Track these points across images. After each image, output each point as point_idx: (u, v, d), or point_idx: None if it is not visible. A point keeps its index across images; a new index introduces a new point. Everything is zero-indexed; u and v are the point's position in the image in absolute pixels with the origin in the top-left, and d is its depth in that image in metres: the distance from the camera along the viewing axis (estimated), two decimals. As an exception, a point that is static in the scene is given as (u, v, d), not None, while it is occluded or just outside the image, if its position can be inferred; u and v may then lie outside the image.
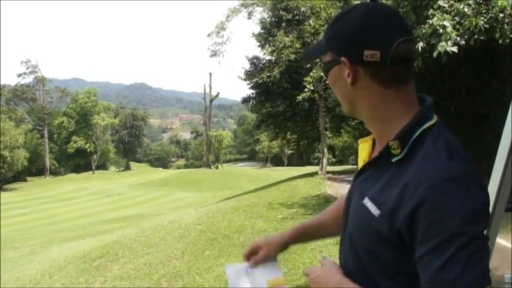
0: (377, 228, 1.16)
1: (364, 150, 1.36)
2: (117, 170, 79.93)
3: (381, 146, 1.24)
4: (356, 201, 1.28)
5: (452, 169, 1.09)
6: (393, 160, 1.18)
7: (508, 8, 6.99)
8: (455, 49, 6.97)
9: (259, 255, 1.57)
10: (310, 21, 21.22)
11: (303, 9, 21.60)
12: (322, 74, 16.94)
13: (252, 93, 24.82)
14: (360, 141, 1.38)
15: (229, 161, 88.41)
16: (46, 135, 67.30)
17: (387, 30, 1.18)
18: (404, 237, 1.11)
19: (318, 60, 1.48)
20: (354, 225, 1.27)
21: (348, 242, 1.34)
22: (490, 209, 1.95)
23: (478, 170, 1.13)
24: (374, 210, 1.17)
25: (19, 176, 60.51)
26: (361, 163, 1.34)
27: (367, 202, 1.20)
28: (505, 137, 1.88)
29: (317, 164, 36.94)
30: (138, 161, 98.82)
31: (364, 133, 1.39)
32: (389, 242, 1.15)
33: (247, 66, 24.59)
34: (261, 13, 23.87)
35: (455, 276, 1.05)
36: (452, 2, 7.52)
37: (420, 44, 7.22)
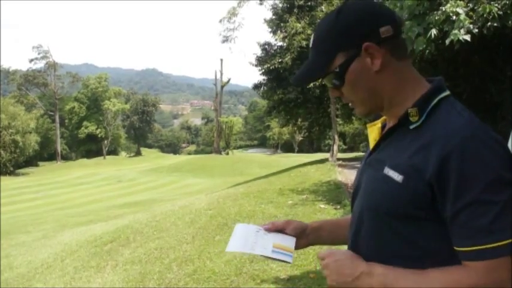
0: (402, 194, 1.18)
1: (374, 133, 1.39)
2: (128, 155, 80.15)
3: (396, 120, 1.28)
4: (373, 174, 1.30)
5: (476, 126, 1.14)
6: (411, 127, 1.22)
7: (523, -5, 6.89)
8: (468, 37, 6.90)
9: (278, 222, 1.57)
10: (323, 7, 21.06)
11: (315, -6, 21.44)
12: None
13: (263, 80, 24.66)
14: (368, 125, 1.42)
15: (239, 147, 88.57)
16: (57, 120, 67.66)
17: (383, 8, 1.27)
18: (436, 191, 1.13)
19: None
20: (372, 200, 1.27)
21: (358, 223, 1.33)
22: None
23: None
24: (397, 176, 1.19)
25: (31, 161, 60.84)
26: (372, 143, 1.37)
27: (389, 171, 1.22)
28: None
29: (328, 151, 36.91)
30: (149, 146, 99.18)
31: (372, 119, 1.43)
32: (414, 206, 1.17)
33: (259, 52, 24.41)
34: (272, -1, 23.72)
35: (489, 222, 1.07)
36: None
37: (433, 31, 7.15)
